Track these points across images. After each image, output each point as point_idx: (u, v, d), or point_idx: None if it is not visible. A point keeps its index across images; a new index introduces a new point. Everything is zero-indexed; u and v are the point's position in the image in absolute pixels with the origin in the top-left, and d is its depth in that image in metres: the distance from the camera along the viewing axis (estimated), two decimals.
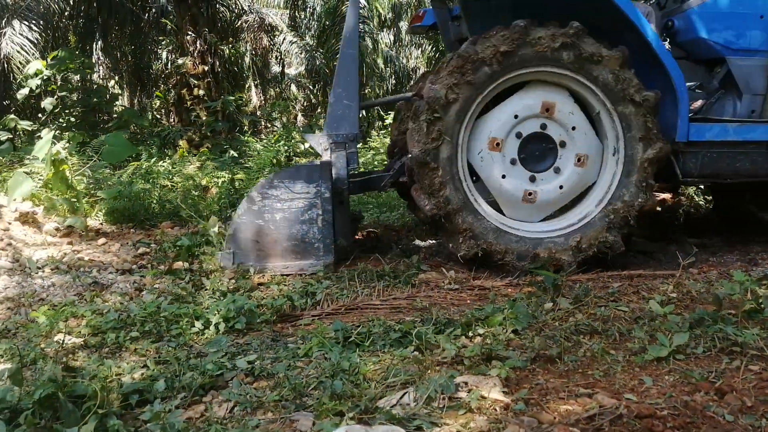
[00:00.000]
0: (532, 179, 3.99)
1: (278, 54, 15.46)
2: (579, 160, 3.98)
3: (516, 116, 3.93)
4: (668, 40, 4.58)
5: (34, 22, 11.46)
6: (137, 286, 3.48)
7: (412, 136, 3.87)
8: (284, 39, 14.87)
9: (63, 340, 2.64)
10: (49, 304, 3.10)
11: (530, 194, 3.98)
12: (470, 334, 2.69)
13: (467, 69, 3.78)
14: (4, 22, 11.32)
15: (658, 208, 6.11)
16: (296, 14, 16.65)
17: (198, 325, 2.85)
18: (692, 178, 4.17)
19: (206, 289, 3.39)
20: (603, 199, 4.01)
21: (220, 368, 2.35)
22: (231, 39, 12.80)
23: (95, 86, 12.13)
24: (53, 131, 6.68)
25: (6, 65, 11.01)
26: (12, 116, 9.57)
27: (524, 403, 2.05)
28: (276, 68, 16.27)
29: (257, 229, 3.82)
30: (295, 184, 3.83)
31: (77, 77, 11.01)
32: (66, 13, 12.30)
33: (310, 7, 17.16)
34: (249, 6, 14.15)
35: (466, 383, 2.18)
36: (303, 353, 2.52)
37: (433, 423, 1.91)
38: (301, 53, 15.13)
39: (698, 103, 4.40)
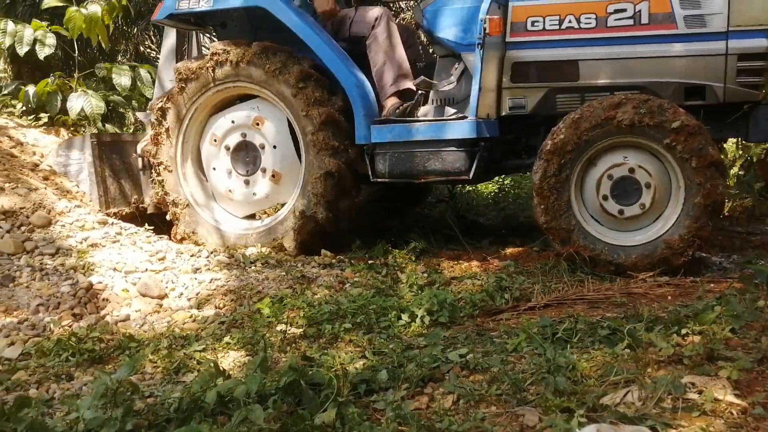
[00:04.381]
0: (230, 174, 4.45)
1: None
2: (273, 176, 4.34)
3: (233, 122, 4.41)
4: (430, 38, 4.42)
5: None
6: (340, 279, 3.69)
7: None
8: None
9: (285, 330, 2.87)
10: (266, 295, 3.38)
11: (230, 191, 4.46)
12: (683, 332, 2.58)
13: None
14: None
15: None
16: None
17: (405, 317, 2.98)
18: (384, 179, 4.13)
19: (403, 283, 3.53)
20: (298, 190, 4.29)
21: (435, 361, 2.44)
22: None
23: None
24: None
25: None
26: None
27: (762, 408, 1.95)
28: None
29: None
30: (71, 152, 4.73)
31: None
32: None
33: None
34: None
35: (693, 384, 2.10)
36: (512, 348, 2.55)
37: (667, 424, 1.86)
38: None
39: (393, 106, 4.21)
